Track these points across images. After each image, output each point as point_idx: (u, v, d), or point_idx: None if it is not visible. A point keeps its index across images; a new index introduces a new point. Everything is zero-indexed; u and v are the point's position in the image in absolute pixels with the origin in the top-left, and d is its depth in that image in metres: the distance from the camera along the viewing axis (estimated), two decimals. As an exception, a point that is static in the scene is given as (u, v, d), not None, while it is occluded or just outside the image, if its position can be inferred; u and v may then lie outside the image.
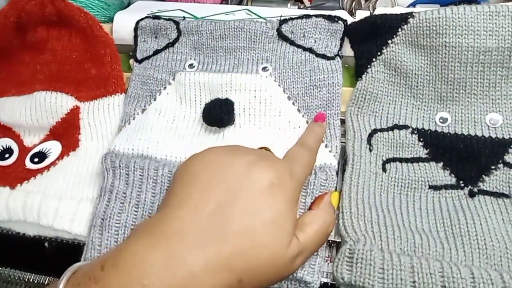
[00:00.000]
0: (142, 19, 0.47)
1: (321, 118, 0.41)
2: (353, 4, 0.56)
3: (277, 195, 0.31)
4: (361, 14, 0.47)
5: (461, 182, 0.38)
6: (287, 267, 0.31)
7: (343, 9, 0.56)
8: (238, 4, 0.57)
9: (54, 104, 0.44)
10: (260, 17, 0.48)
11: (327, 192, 0.37)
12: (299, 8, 0.59)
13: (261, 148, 0.39)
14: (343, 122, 0.42)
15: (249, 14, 0.49)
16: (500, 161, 0.37)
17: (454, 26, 0.39)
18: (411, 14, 0.40)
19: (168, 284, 0.27)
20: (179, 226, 0.29)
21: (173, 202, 0.31)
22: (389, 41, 0.42)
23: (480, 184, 0.37)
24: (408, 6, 0.51)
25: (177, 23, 0.46)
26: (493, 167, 0.37)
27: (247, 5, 0.59)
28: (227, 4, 0.57)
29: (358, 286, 0.31)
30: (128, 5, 0.56)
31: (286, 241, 0.31)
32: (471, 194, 0.37)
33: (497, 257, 0.33)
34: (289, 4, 0.59)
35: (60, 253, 0.41)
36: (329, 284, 0.36)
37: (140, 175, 0.38)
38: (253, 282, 0.29)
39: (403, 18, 0.41)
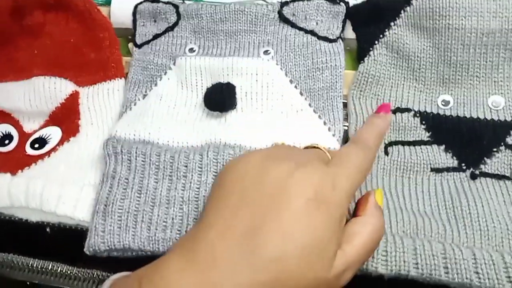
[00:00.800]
0: (140, 2, 0.46)
1: (385, 108, 0.36)
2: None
3: (315, 213, 0.27)
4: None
5: (463, 164, 0.38)
6: (333, 285, 0.28)
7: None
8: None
9: (53, 89, 0.43)
10: (262, -1, 0.47)
11: (369, 192, 0.33)
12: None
13: (308, 147, 0.35)
14: (345, 105, 0.42)
15: (249, -4, 0.48)
16: (502, 144, 0.37)
17: (457, 7, 0.38)
18: (413, -4, 0.40)
19: None
20: (210, 250, 0.27)
21: (205, 219, 0.29)
22: (392, 24, 0.41)
23: (482, 166, 0.37)
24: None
25: (176, 7, 0.45)
26: (495, 149, 0.38)
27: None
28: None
29: (362, 269, 0.32)
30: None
31: (327, 266, 0.27)
32: (473, 177, 0.37)
33: (498, 238, 0.33)
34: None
35: (63, 238, 0.41)
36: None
37: (142, 160, 0.38)
38: None
39: (406, 0, 0.40)
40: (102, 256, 0.36)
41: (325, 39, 0.43)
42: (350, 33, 0.44)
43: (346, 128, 0.41)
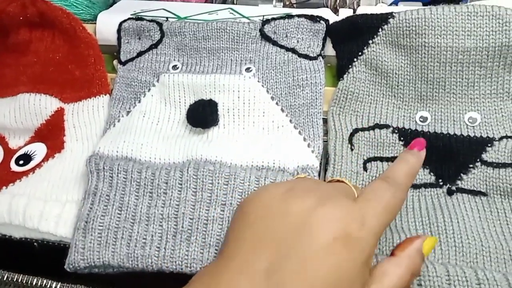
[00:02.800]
0: (125, 20, 0.47)
1: (419, 145, 0.34)
2: (337, 1, 0.57)
3: (341, 253, 0.25)
4: (344, 13, 0.47)
5: (440, 180, 0.38)
6: None
7: (327, 6, 0.56)
8: (222, 3, 0.57)
9: (38, 106, 0.44)
10: (244, 16, 0.48)
11: (419, 236, 0.30)
12: (284, 5, 0.59)
13: (332, 180, 0.34)
14: (325, 121, 0.43)
15: (232, 14, 0.49)
16: (478, 160, 0.38)
17: (433, 26, 0.39)
18: (391, 14, 0.41)
19: None
20: (230, 285, 0.26)
21: (225, 253, 0.28)
22: (370, 41, 0.42)
23: (459, 182, 0.38)
24: (391, 4, 0.51)
25: (160, 24, 0.46)
26: (471, 165, 0.38)
27: (232, 3, 0.59)
28: (212, 3, 0.57)
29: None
30: (114, 2, 0.56)
31: None
32: (450, 192, 0.38)
33: (472, 254, 0.33)
34: (274, 1, 0.59)
35: (48, 254, 0.42)
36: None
37: (123, 177, 0.39)
38: None
39: (383, 18, 0.41)
40: (83, 272, 0.37)
41: (306, 56, 0.44)
42: (330, 50, 0.45)
43: (326, 143, 0.42)
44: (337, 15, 0.48)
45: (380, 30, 0.41)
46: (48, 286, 0.42)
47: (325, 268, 0.25)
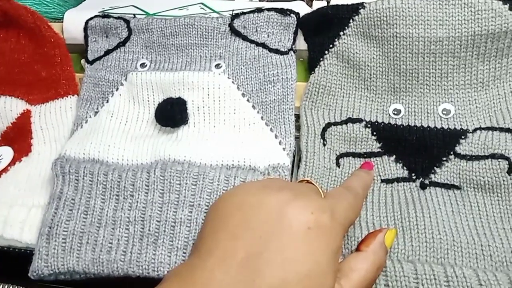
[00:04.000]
0: (91, 18, 0.45)
1: (368, 166, 0.38)
2: (313, -6, 0.55)
3: (315, 241, 0.27)
4: (317, 5, 0.46)
5: (413, 174, 0.38)
6: None
7: (303, -1, 0.55)
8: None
9: (3, 108, 0.43)
10: (214, 11, 0.47)
11: (381, 230, 0.32)
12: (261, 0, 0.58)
13: (302, 181, 0.35)
14: (298, 117, 0.42)
15: (203, 9, 0.48)
16: (452, 152, 0.37)
17: (404, 16, 0.38)
18: (362, 5, 0.40)
19: None
20: (209, 278, 0.26)
21: (202, 249, 0.29)
22: (341, 33, 0.41)
23: (432, 176, 0.37)
24: (365, -5, 0.50)
25: (127, 22, 0.45)
26: (444, 158, 0.37)
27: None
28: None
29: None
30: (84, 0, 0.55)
31: None
32: (423, 186, 0.37)
33: (443, 250, 0.33)
34: (250, -5, 0.58)
35: (12, 261, 0.41)
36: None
37: (89, 180, 0.38)
38: None
39: (354, 9, 0.40)
40: (49, 279, 0.36)
41: (277, 51, 0.43)
42: (302, 44, 0.44)
43: (298, 140, 0.41)
44: (312, 7, 0.46)
45: (351, 21, 0.40)
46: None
47: (300, 255, 0.26)
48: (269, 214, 0.28)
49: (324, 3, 0.47)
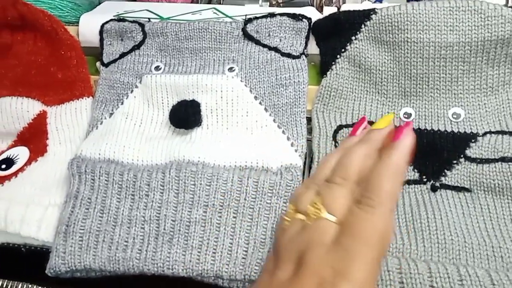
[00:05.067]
0: (107, 22, 0.46)
1: (402, 132, 0.29)
2: (323, 0, 0.56)
3: None
4: (328, 11, 0.47)
5: (424, 177, 0.38)
6: None
7: (312, 5, 0.56)
8: (207, 3, 0.57)
9: (20, 109, 0.44)
10: (227, 16, 0.48)
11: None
12: (270, 5, 0.59)
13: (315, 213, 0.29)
14: (309, 120, 0.42)
15: (215, 13, 0.49)
16: (462, 156, 0.38)
17: (415, 21, 0.39)
18: (373, 11, 0.41)
19: None
20: None
21: None
22: (353, 38, 0.42)
23: (442, 178, 0.38)
24: (375, 2, 0.51)
25: (142, 25, 0.46)
26: (455, 161, 0.38)
27: (218, 3, 0.59)
28: (197, 3, 0.57)
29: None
30: (99, 4, 0.56)
31: None
32: (433, 189, 0.37)
33: (455, 251, 0.33)
34: (260, 1, 0.59)
35: (34, 259, 0.41)
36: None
37: (105, 180, 0.38)
38: None
39: (366, 15, 0.41)
40: (65, 277, 0.36)
41: (289, 55, 0.43)
42: (314, 49, 0.44)
43: (310, 142, 0.41)
44: (322, 13, 0.47)
45: (362, 26, 0.41)
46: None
47: None
48: None
49: (334, 9, 0.48)
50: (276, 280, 0.26)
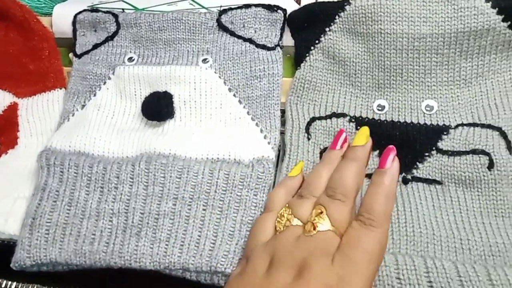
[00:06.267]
0: (80, 12, 0.46)
1: (386, 159, 0.33)
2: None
3: None
4: (305, 2, 0.46)
5: (396, 169, 0.38)
6: None
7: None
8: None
9: (-10, 101, 0.43)
10: (203, 7, 0.47)
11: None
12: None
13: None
14: (284, 112, 0.42)
15: (192, 4, 0.48)
16: (434, 148, 0.37)
17: (389, 12, 0.38)
18: (347, 2, 0.40)
19: None
20: None
21: None
22: (327, 29, 0.41)
23: (414, 171, 0.37)
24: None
25: (116, 16, 0.45)
26: (426, 154, 0.38)
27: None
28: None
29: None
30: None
31: None
32: (405, 181, 0.37)
33: (423, 243, 0.33)
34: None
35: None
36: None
37: (74, 172, 0.38)
38: None
39: (340, 6, 0.40)
40: (32, 271, 0.36)
41: (263, 47, 0.43)
42: (290, 40, 0.44)
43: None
44: (300, 5, 0.47)
45: (337, 17, 0.41)
46: (3, 286, 0.41)
47: None
48: None
49: (312, 0, 0.47)
50: (274, 282, 0.28)
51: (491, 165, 0.35)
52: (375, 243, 0.29)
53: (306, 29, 0.42)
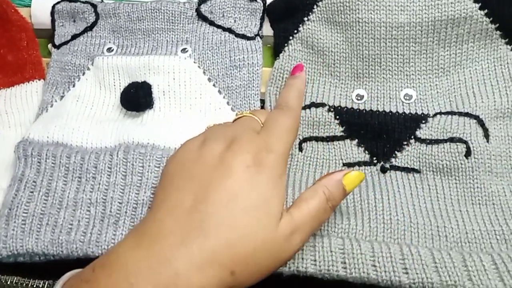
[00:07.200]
0: (58, 2, 0.45)
1: (299, 68, 0.39)
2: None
3: (255, 176, 0.29)
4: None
5: (374, 158, 0.38)
6: (283, 247, 0.29)
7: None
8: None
9: (-33, 92, 0.43)
10: (184, -3, 0.47)
11: (344, 170, 0.32)
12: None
13: (238, 116, 0.37)
14: (264, 102, 0.42)
15: (173, -6, 0.48)
16: (412, 137, 0.38)
17: (366, 1, 0.38)
18: (326, -9, 0.40)
19: (155, 284, 0.26)
20: (159, 227, 0.28)
21: (154, 204, 0.31)
22: (305, 19, 0.41)
23: (393, 160, 0.38)
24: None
25: (94, 6, 0.45)
26: (405, 142, 0.38)
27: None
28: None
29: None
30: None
31: (274, 223, 0.28)
32: (383, 170, 0.37)
33: (400, 231, 0.33)
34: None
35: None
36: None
37: (52, 162, 0.37)
38: (249, 271, 0.28)
39: (318, -5, 0.40)
40: (8, 262, 0.36)
41: (243, 36, 0.43)
42: (269, 30, 0.44)
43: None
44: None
45: (315, 7, 0.41)
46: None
47: (245, 191, 0.29)
48: (208, 164, 0.30)
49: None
50: (207, 151, 0.31)
51: (468, 153, 0.36)
52: (291, 120, 0.34)
53: (285, 19, 0.42)
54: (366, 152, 0.38)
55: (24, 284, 0.38)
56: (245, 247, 0.28)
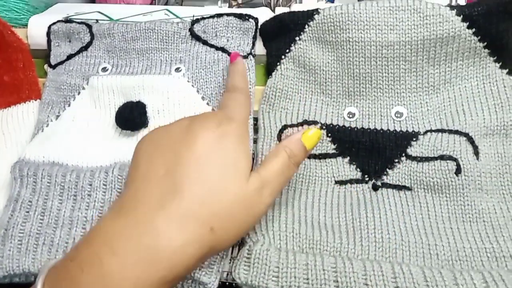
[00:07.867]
0: (54, 23, 0.46)
1: (236, 56, 0.41)
2: (280, 1, 0.56)
3: (221, 140, 0.32)
4: (279, 11, 0.47)
5: (366, 176, 0.38)
6: (255, 200, 0.31)
7: (270, 5, 0.56)
8: (165, 5, 0.56)
9: (-35, 113, 0.43)
10: (178, 17, 0.48)
11: (304, 128, 0.35)
12: (230, 6, 0.59)
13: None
14: (256, 121, 0.42)
15: (167, 15, 0.48)
16: (403, 154, 0.38)
17: (356, 21, 0.39)
18: (316, 11, 0.41)
19: (136, 246, 0.27)
20: (136, 195, 0.30)
21: (128, 179, 0.33)
22: (297, 38, 0.42)
23: (384, 177, 0.38)
24: (327, 2, 0.51)
25: (89, 26, 0.45)
26: (396, 160, 0.38)
27: (179, 4, 0.59)
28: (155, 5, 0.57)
29: (255, 286, 0.32)
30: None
31: (243, 178, 0.31)
32: (375, 188, 0.38)
33: (392, 249, 0.33)
34: (219, 2, 0.59)
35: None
36: (233, 284, 0.36)
37: (47, 182, 0.38)
38: (227, 226, 0.30)
39: (309, 15, 0.41)
40: (4, 282, 0.36)
41: (236, 55, 0.43)
42: (262, 49, 0.44)
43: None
44: (274, 12, 0.47)
45: (306, 27, 0.41)
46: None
47: (213, 153, 0.31)
48: (176, 136, 0.32)
49: (286, 9, 0.48)
50: (176, 124, 0.34)
51: (458, 171, 0.36)
52: (243, 96, 0.37)
53: (277, 38, 0.43)
54: (358, 169, 0.39)
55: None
56: (219, 201, 0.30)
